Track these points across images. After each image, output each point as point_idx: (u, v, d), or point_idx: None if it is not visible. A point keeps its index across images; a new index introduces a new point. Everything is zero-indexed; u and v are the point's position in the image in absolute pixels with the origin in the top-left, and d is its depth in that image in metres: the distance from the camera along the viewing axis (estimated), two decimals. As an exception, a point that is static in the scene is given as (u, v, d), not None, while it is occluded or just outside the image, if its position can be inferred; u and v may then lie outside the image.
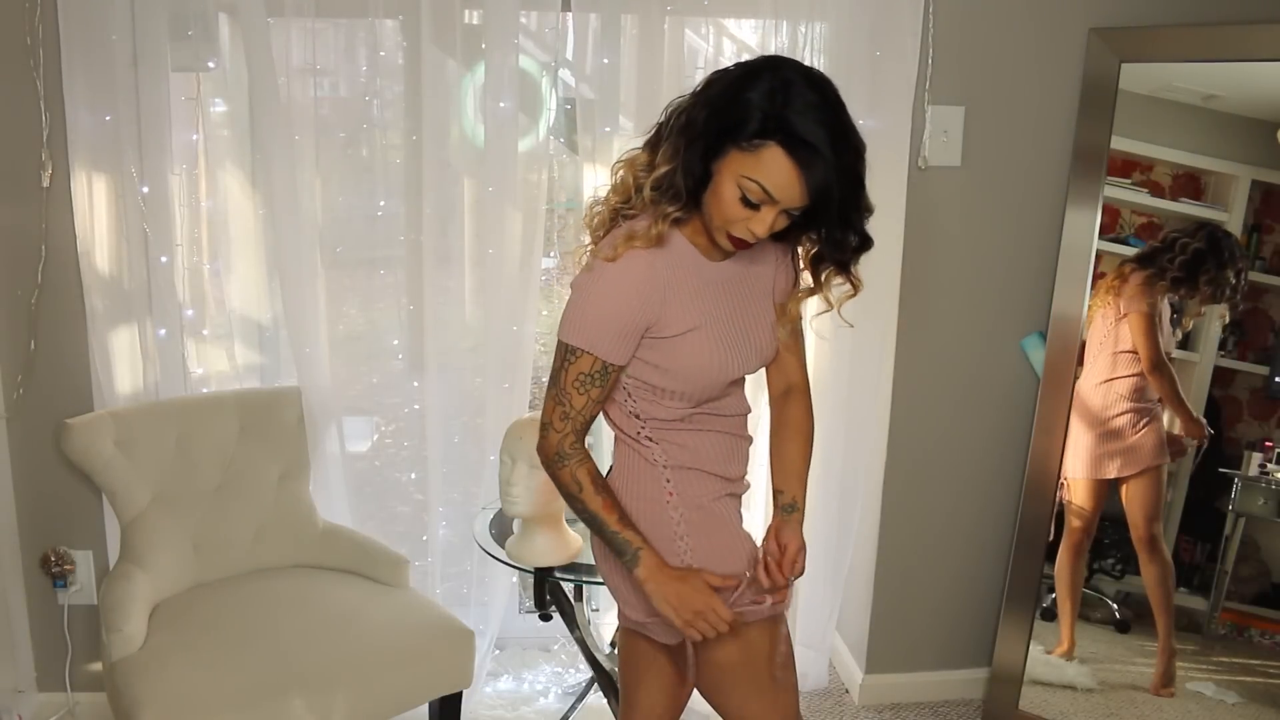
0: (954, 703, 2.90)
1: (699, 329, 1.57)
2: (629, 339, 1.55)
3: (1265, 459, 2.50)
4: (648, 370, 1.59)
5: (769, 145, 1.42)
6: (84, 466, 2.29)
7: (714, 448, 1.66)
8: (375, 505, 2.78)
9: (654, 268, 1.53)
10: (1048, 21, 2.54)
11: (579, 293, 1.55)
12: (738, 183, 1.45)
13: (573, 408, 1.57)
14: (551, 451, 1.60)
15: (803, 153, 1.41)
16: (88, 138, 2.34)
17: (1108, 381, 2.58)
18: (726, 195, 1.47)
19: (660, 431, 1.64)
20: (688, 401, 1.62)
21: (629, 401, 1.64)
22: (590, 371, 1.55)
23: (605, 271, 1.52)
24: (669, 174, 1.49)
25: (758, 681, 1.68)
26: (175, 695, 1.99)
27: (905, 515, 2.80)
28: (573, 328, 1.54)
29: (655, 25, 2.47)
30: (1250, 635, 2.57)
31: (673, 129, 1.50)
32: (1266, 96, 2.41)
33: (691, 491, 1.65)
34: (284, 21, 2.39)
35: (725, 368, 1.60)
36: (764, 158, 1.43)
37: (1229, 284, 2.48)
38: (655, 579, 1.59)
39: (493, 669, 2.87)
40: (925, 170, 2.58)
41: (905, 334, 2.69)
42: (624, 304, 1.52)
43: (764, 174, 1.43)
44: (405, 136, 2.53)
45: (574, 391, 1.56)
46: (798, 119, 1.41)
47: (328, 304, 2.59)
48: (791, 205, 1.47)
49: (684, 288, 1.56)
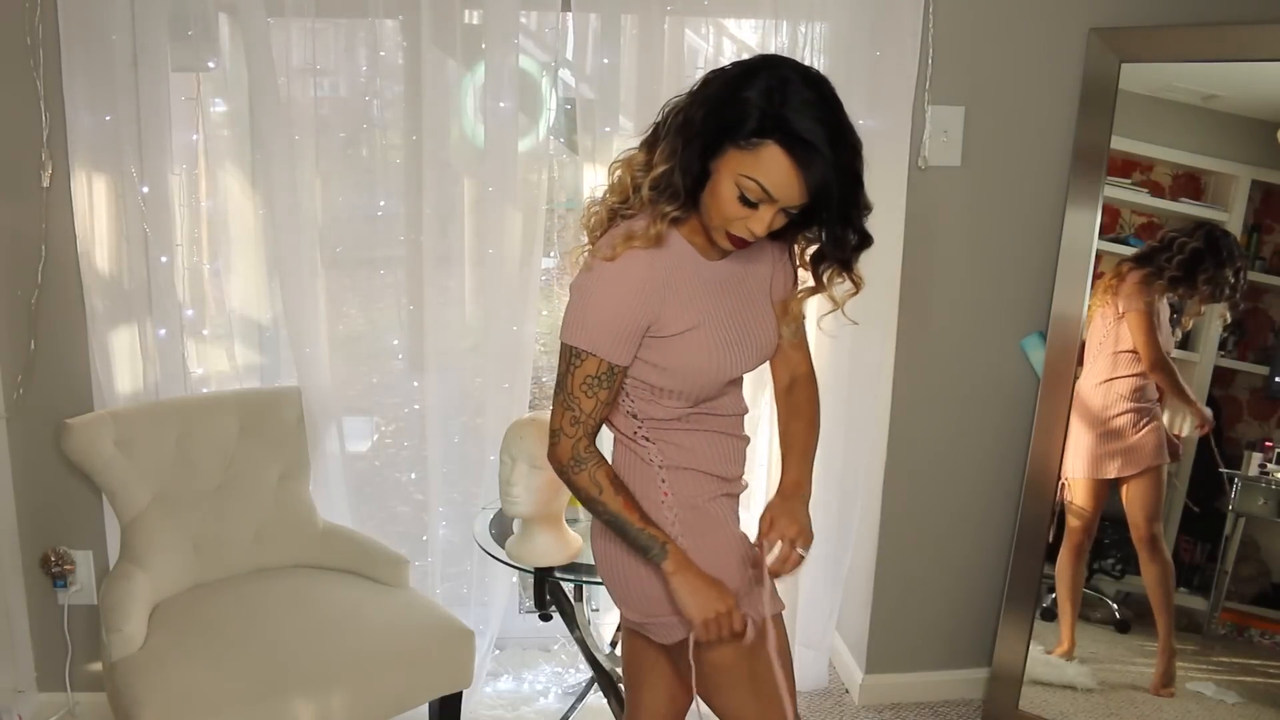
0: (954, 703, 2.90)
1: (698, 328, 1.57)
2: (631, 339, 1.55)
3: (1265, 459, 2.50)
4: (647, 370, 1.59)
5: (767, 144, 1.42)
6: (84, 466, 2.29)
7: (710, 448, 1.66)
8: (375, 505, 2.78)
9: (653, 267, 1.53)
10: (1048, 21, 2.54)
11: (579, 294, 1.55)
12: (736, 181, 1.45)
13: (582, 411, 1.57)
14: (566, 458, 1.59)
15: (801, 151, 1.41)
16: (88, 138, 2.34)
17: (1108, 381, 2.58)
18: (725, 194, 1.47)
19: (657, 431, 1.64)
20: (686, 401, 1.62)
21: (626, 401, 1.64)
22: (597, 374, 1.55)
23: (605, 272, 1.52)
24: (667, 173, 1.49)
25: (754, 683, 1.67)
26: (175, 695, 1.99)
27: (905, 515, 2.80)
28: (575, 330, 1.54)
29: (655, 25, 2.47)
30: (1250, 635, 2.57)
31: (670, 128, 1.50)
32: (1266, 96, 2.41)
33: (687, 492, 1.65)
34: (284, 21, 2.39)
35: (724, 366, 1.60)
36: (762, 156, 1.43)
37: (1228, 283, 2.48)
38: (683, 573, 1.58)
39: (493, 669, 2.87)
40: (925, 170, 2.58)
41: (905, 334, 2.69)
42: (625, 305, 1.52)
43: (762, 173, 1.43)
44: (405, 136, 2.53)
45: (582, 395, 1.56)
46: (795, 117, 1.40)
47: (328, 304, 2.59)
48: (790, 204, 1.47)
49: (683, 287, 1.56)
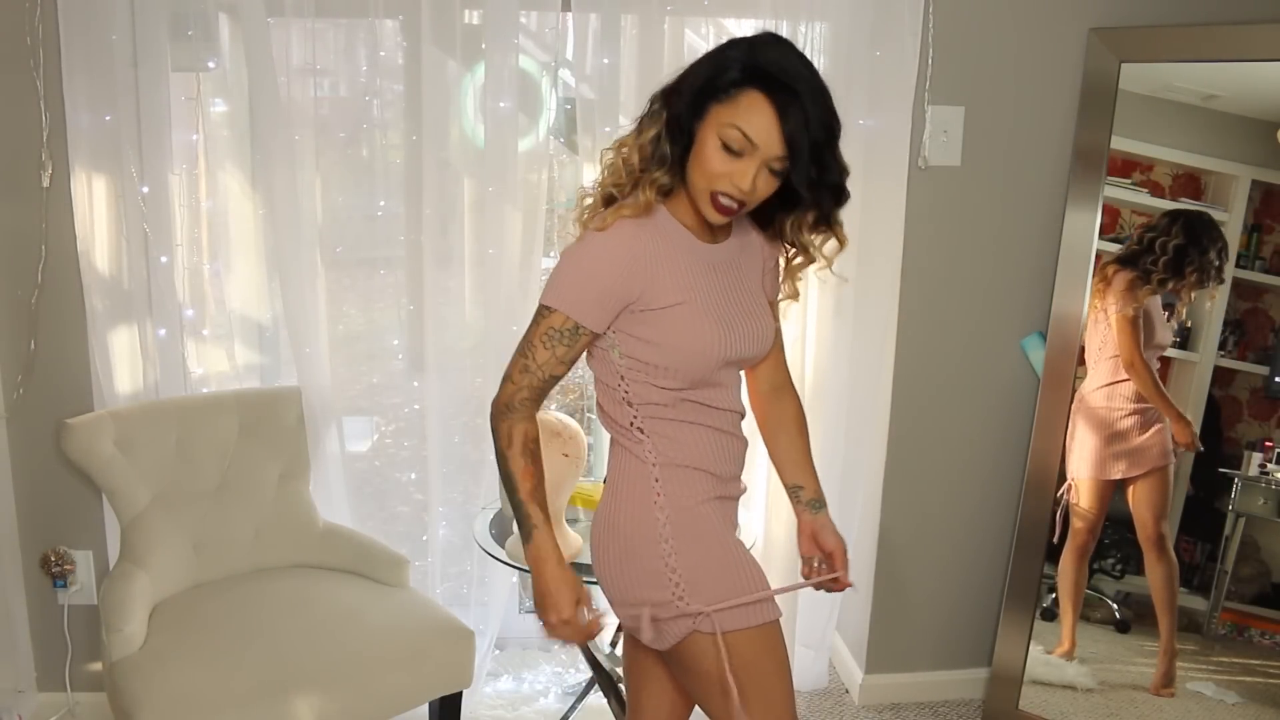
0: (954, 703, 2.91)
1: (687, 303, 1.58)
2: (604, 304, 1.56)
3: (1265, 459, 2.50)
4: (640, 346, 1.59)
5: (747, 91, 1.49)
6: (84, 466, 2.29)
7: (705, 443, 1.65)
8: (375, 505, 2.78)
9: (639, 239, 1.56)
10: (1048, 21, 2.54)
11: (563, 259, 1.60)
12: (718, 134, 1.50)
13: (534, 361, 1.59)
14: (502, 403, 1.62)
15: (779, 95, 1.48)
16: (88, 138, 2.34)
17: (1112, 385, 2.58)
18: (709, 150, 1.52)
19: (651, 422, 1.64)
20: (680, 380, 1.61)
21: (621, 385, 1.64)
22: (560, 328, 1.57)
23: (592, 239, 1.57)
24: (654, 138, 1.55)
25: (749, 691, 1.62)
26: (175, 695, 1.99)
27: (905, 515, 2.80)
28: (550, 289, 1.59)
29: (655, 25, 2.47)
30: (1250, 635, 2.57)
31: (656, 99, 1.58)
32: (1266, 96, 2.41)
33: (679, 493, 1.64)
34: (284, 21, 2.39)
35: (718, 343, 1.60)
36: (742, 103, 1.49)
37: (1213, 266, 2.49)
38: (540, 564, 1.60)
39: (493, 669, 2.87)
40: (925, 170, 2.58)
41: (905, 334, 2.69)
42: (605, 268, 1.55)
43: (743, 118, 1.49)
44: (405, 136, 2.53)
45: (540, 344, 1.59)
46: (774, 67, 1.49)
47: (328, 304, 2.59)
48: (771, 153, 1.50)
49: (673, 262, 1.58)
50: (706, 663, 1.61)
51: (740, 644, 1.61)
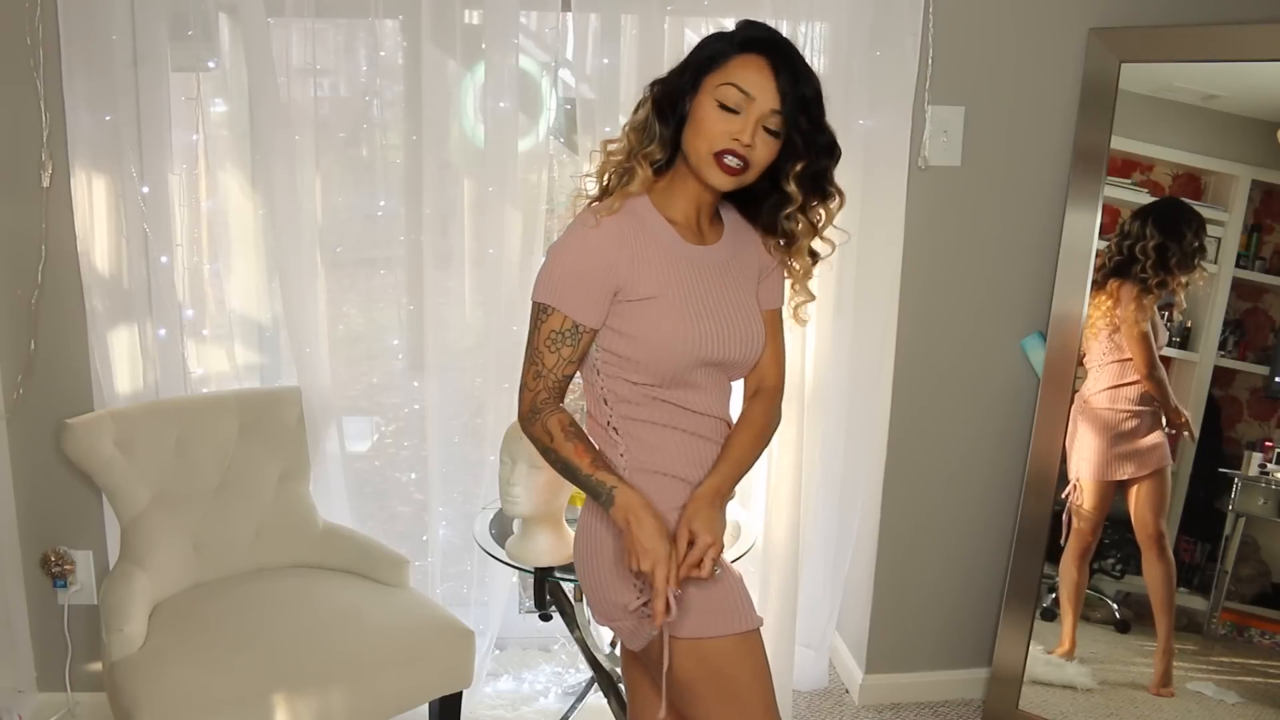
0: (954, 703, 2.91)
1: (662, 297, 1.59)
2: (596, 299, 1.57)
3: (1265, 459, 2.50)
4: (614, 339, 1.60)
5: (739, 55, 1.55)
6: (84, 466, 2.29)
7: (679, 448, 1.65)
8: (375, 505, 2.78)
9: (623, 233, 1.58)
10: (1048, 21, 2.54)
11: (551, 253, 1.61)
12: (714, 96, 1.55)
13: (544, 366, 1.60)
14: (526, 412, 1.63)
15: (772, 53, 1.55)
16: (88, 138, 2.34)
17: (1115, 388, 2.58)
18: (706, 113, 1.55)
19: (625, 422, 1.64)
20: (651, 375, 1.60)
21: (598, 380, 1.65)
22: (561, 329, 1.58)
23: (576, 232, 1.59)
24: (644, 120, 1.59)
25: (722, 700, 1.62)
26: (175, 695, 1.99)
27: (905, 515, 2.80)
28: (543, 286, 1.59)
29: (655, 25, 2.47)
30: (1250, 635, 2.56)
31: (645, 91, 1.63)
32: (1266, 96, 2.41)
33: (652, 500, 1.60)
34: (284, 21, 2.39)
35: (690, 340, 1.59)
36: (735, 63, 1.55)
37: (1194, 246, 2.50)
38: (627, 508, 1.55)
39: (493, 669, 2.87)
40: (925, 170, 2.58)
41: (905, 334, 2.69)
42: (592, 262, 1.56)
43: (738, 74, 1.54)
44: (405, 136, 2.53)
45: (545, 350, 1.59)
46: (760, 33, 1.58)
47: (328, 304, 2.59)
48: (767, 106, 1.54)
49: (654, 257, 1.59)
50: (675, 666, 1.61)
51: (713, 652, 1.61)
